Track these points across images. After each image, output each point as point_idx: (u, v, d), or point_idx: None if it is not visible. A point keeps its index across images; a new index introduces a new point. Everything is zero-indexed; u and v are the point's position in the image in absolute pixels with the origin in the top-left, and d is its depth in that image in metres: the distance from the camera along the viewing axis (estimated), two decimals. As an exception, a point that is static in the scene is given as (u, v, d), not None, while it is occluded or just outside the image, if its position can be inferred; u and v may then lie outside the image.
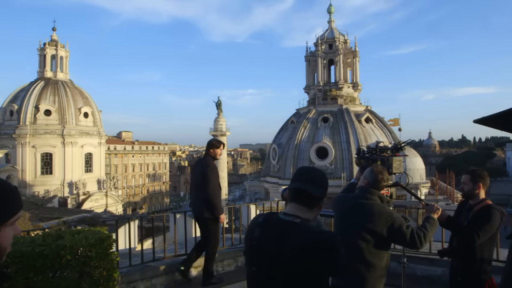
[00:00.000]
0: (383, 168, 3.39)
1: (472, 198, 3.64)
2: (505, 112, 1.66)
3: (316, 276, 1.95)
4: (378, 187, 3.24)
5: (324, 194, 2.10)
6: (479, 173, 3.62)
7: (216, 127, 42.79)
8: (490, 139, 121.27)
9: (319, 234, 1.98)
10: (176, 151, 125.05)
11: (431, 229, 3.18)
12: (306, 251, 1.89)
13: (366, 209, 3.12)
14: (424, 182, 27.70)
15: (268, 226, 2.05)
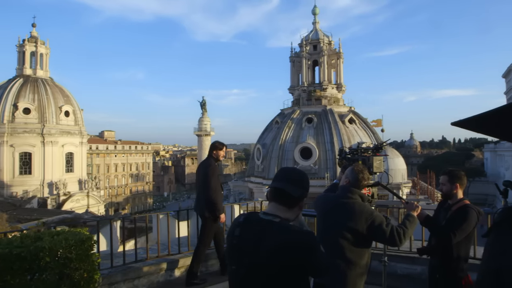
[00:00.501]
0: (363, 168, 3.45)
1: (450, 198, 3.73)
2: (481, 115, 1.72)
3: (294, 275, 1.97)
4: (359, 186, 3.31)
5: (304, 194, 2.12)
6: (456, 174, 3.73)
7: (201, 126, 42.58)
8: (469, 140, 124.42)
9: (297, 234, 2.00)
10: (160, 151, 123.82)
11: (410, 226, 3.25)
12: (284, 250, 1.91)
13: (347, 208, 3.18)
14: (405, 182, 28.20)
15: (248, 226, 2.08)
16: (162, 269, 5.99)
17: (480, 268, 2.40)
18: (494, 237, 2.26)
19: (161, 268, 5.97)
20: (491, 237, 2.32)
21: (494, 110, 1.57)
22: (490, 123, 1.84)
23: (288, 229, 2.01)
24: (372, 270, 5.64)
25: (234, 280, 2.08)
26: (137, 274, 5.62)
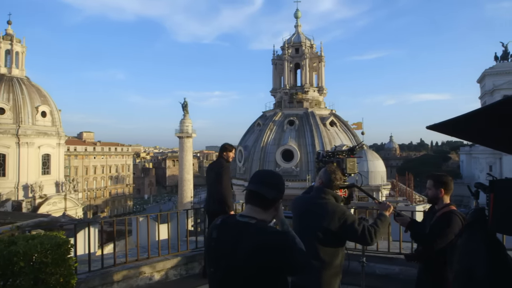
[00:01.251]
0: (336, 168, 3.54)
1: (436, 203, 3.70)
2: (453, 119, 1.78)
3: (272, 276, 1.99)
4: (332, 186, 3.38)
5: (279, 196, 2.15)
6: (441, 178, 3.67)
7: (182, 128, 42.24)
8: (446, 143, 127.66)
9: (273, 235, 2.03)
10: (140, 153, 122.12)
11: (382, 225, 3.33)
12: (261, 252, 1.93)
13: (320, 208, 3.26)
14: (385, 184, 28.68)
15: (225, 228, 2.11)
16: (142, 273, 5.91)
17: (455, 267, 2.49)
18: (467, 237, 2.35)
19: (141, 272, 5.89)
20: (463, 237, 2.40)
21: (465, 115, 1.63)
22: (462, 127, 1.90)
23: (264, 230, 2.03)
24: (351, 271, 5.73)
25: (212, 283, 2.09)
26: (116, 278, 5.52)
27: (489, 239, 2.26)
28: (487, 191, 2.19)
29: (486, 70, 66.95)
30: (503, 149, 2.23)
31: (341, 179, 3.50)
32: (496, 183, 2.13)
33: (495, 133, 1.88)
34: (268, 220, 2.13)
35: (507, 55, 65.64)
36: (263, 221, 2.09)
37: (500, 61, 66.15)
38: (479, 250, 2.22)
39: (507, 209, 2.08)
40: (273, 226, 2.20)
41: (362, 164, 27.23)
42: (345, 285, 4.95)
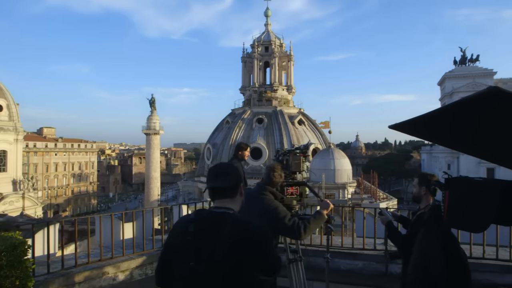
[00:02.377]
0: (276, 167, 3.72)
1: (419, 201, 3.63)
2: (412, 120, 1.84)
3: (252, 268, 2.02)
4: (271, 183, 3.61)
5: (236, 180, 2.22)
6: (425, 177, 3.61)
7: (149, 125, 41.35)
8: (408, 142, 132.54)
9: (253, 225, 2.11)
10: (105, 150, 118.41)
11: (314, 222, 3.50)
12: (242, 242, 1.97)
13: (257, 203, 3.49)
14: (351, 182, 29.41)
15: (203, 220, 2.10)
16: (105, 273, 5.74)
17: (412, 260, 2.60)
18: (423, 233, 2.46)
19: (104, 272, 5.72)
20: (420, 233, 2.51)
21: (423, 115, 1.70)
22: (421, 126, 1.98)
23: (243, 220, 2.10)
24: (317, 267, 5.87)
25: (192, 277, 2.04)
26: (77, 280, 5.34)
27: (444, 234, 2.38)
28: (443, 188, 2.29)
29: (446, 73, 70.21)
30: (459, 149, 2.35)
31: (281, 177, 3.67)
32: (451, 181, 2.23)
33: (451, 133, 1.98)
34: (237, 209, 2.20)
35: (465, 59, 69.12)
36: (234, 210, 2.16)
37: (458, 65, 69.55)
38: (435, 245, 2.33)
39: (460, 206, 2.18)
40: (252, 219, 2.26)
41: (329, 163, 27.78)
42: (310, 281, 5.04)
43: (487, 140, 1.75)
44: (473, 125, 1.65)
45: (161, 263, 2.19)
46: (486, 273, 5.56)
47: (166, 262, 2.16)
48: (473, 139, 1.84)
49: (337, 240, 6.89)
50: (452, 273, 2.28)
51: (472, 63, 68.83)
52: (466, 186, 2.17)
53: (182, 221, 2.21)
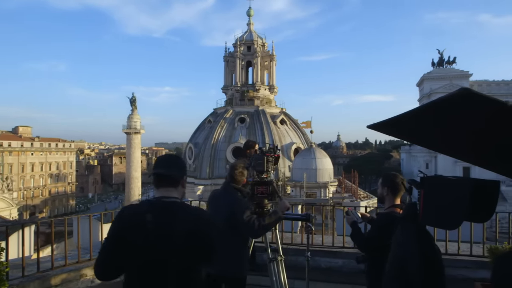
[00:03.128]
0: (239, 165, 3.91)
1: (383, 202, 3.58)
2: (389, 119, 1.88)
3: (200, 253, 2.23)
4: (235, 181, 3.80)
5: (182, 172, 2.40)
6: (388, 177, 3.54)
7: (130, 124, 40.75)
8: (388, 142, 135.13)
9: (204, 212, 2.40)
10: (84, 149, 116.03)
11: (269, 221, 3.61)
12: (198, 227, 2.20)
13: (221, 200, 3.72)
14: (332, 181, 29.71)
15: (159, 209, 2.22)
16: (83, 275, 5.63)
17: (389, 256, 2.66)
18: (400, 229, 2.51)
19: (82, 274, 5.61)
20: (397, 229, 2.56)
21: (398, 116, 1.73)
22: (396, 127, 2.02)
23: (195, 209, 2.35)
24: (298, 265, 5.91)
25: (153, 262, 2.13)
26: (54, 283, 5.22)
27: (419, 232, 2.43)
28: (418, 187, 2.34)
29: (424, 74, 71.88)
30: (432, 148, 2.41)
31: (242, 175, 3.84)
32: (426, 180, 2.29)
33: (425, 133, 2.02)
34: (180, 197, 2.38)
35: (442, 61, 70.94)
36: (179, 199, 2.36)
37: (436, 67, 71.33)
38: (411, 242, 2.38)
39: (435, 204, 2.24)
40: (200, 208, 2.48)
41: (310, 162, 28.01)
42: (291, 279, 5.08)
43: (458, 139, 1.81)
44: (444, 125, 1.70)
45: (111, 255, 2.18)
46: (461, 269, 5.73)
47: (117, 253, 2.15)
48: (445, 139, 1.90)
49: (317, 238, 6.97)
50: (428, 268, 2.34)
51: (449, 65, 70.73)
52: (440, 184, 2.23)
53: (136, 211, 2.26)
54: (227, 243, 3.51)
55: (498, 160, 1.99)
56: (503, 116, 1.40)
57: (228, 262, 3.57)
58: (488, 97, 1.35)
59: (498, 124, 1.51)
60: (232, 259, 3.63)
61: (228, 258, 3.55)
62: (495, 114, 1.42)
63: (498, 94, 66.45)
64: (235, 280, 3.72)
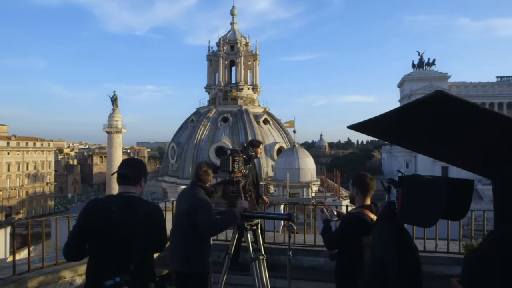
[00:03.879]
0: (201, 165, 4.10)
1: (353, 202, 3.54)
2: (369, 120, 1.91)
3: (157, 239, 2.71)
4: (201, 180, 3.98)
5: (140, 173, 2.85)
6: (357, 177, 3.50)
7: (111, 123, 40.05)
8: (370, 142, 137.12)
9: (157, 206, 2.83)
10: (64, 149, 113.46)
11: (226, 220, 3.82)
12: (154, 216, 2.69)
13: (185, 198, 3.91)
14: (314, 181, 29.94)
15: (122, 201, 2.64)
16: (62, 278, 5.51)
17: (368, 255, 2.71)
18: (379, 228, 2.56)
19: (60, 277, 5.49)
20: (376, 228, 2.61)
21: (376, 117, 1.77)
22: (374, 127, 2.07)
23: (149, 202, 2.79)
24: (280, 264, 5.94)
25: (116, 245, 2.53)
26: (31, 285, 5.08)
27: (397, 230, 2.49)
28: (397, 186, 2.40)
29: (405, 76, 73.33)
30: (409, 148, 2.47)
31: (207, 173, 4.00)
32: (404, 179, 2.34)
33: (402, 133, 2.08)
34: (138, 194, 2.81)
35: (422, 63, 72.55)
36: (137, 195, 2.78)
37: (417, 69, 72.88)
38: (389, 240, 2.43)
39: (412, 203, 2.30)
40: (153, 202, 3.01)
41: (293, 162, 28.17)
42: (273, 278, 5.10)
43: (433, 140, 1.86)
44: (420, 126, 1.75)
45: (79, 241, 2.58)
46: (438, 266, 5.87)
47: (84, 239, 2.57)
48: (421, 139, 1.95)
49: (299, 237, 7.02)
50: (405, 265, 2.40)
51: (428, 66, 72.41)
52: (417, 184, 2.29)
53: (102, 203, 2.72)
54: (188, 240, 3.77)
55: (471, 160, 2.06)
56: (475, 117, 1.45)
57: (189, 258, 3.77)
58: (461, 99, 1.39)
59: (470, 125, 1.56)
60: (194, 255, 3.79)
61: (189, 254, 3.77)
62: (468, 115, 1.47)
63: (475, 95, 68.48)
64: (197, 276, 3.83)
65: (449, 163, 2.48)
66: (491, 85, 71.72)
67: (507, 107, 69.21)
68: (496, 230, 1.90)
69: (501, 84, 71.70)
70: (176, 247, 3.87)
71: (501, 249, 1.38)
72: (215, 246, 5.99)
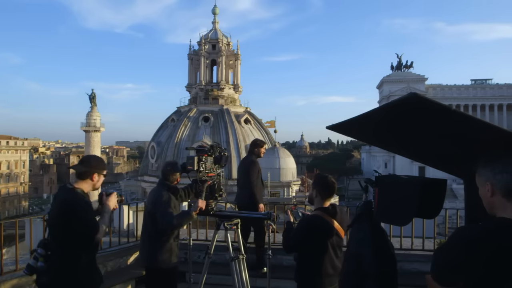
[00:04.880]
0: (170, 163, 4.30)
1: (312, 203, 3.43)
2: (346, 121, 1.95)
3: (60, 224, 2.87)
4: (167, 178, 4.14)
5: (89, 169, 3.05)
6: (316, 178, 3.42)
7: (89, 122, 39.17)
8: (350, 142, 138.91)
9: (70, 193, 2.99)
10: (39, 147, 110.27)
11: (181, 218, 3.92)
12: (62, 203, 2.89)
13: (150, 196, 4.15)
14: (295, 180, 30.23)
15: (59, 191, 3.08)
16: (36, 280, 5.36)
17: (345, 252, 2.77)
18: (356, 227, 2.62)
19: (35, 279, 5.34)
20: (354, 227, 2.67)
21: (353, 118, 1.81)
22: (352, 128, 2.11)
23: (68, 191, 2.95)
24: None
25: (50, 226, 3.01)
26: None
27: (374, 228, 2.55)
28: (373, 186, 2.46)
29: (384, 77, 74.85)
30: (384, 147, 2.54)
31: (172, 172, 4.16)
32: (380, 179, 2.40)
33: (377, 134, 2.13)
34: (85, 188, 3.03)
35: (401, 65, 74.25)
36: (80, 188, 2.99)
37: (395, 71, 74.51)
38: (366, 238, 2.49)
39: (388, 202, 2.36)
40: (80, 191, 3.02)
41: (274, 161, 28.33)
42: (253, 278, 5.13)
43: (407, 140, 1.92)
44: (394, 127, 1.80)
45: None
46: (414, 263, 6.02)
47: None
48: (395, 139, 2.00)
49: (280, 237, 7.06)
50: (381, 262, 2.46)
51: (407, 68, 74.20)
52: (392, 183, 2.35)
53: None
54: (152, 236, 3.96)
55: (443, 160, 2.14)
56: (446, 119, 1.51)
57: (155, 254, 3.92)
58: (434, 102, 1.45)
59: (442, 126, 1.62)
60: (159, 251, 3.92)
61: (154, 250, 3.92)
62: (440, 117, 1.53)
63: (451, 97, 70.61)
64: (163, 271, 3.97)
65: (422, 162, 2.56)
66: (466, 87, 74.14)
67: (480, 109, 71.66)
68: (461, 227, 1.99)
69: (475, 87, 74.22)
70: (143, 244, 4.15)
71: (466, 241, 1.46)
72: (195, 246, 5.97)
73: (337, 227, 3.21)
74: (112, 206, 3.25)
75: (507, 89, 72.68)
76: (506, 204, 1.52)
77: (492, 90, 73.09)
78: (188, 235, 5.58)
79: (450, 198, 43.06)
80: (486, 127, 1.59)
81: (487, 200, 1.59)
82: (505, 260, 1.38)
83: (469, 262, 1.43)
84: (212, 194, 4.09)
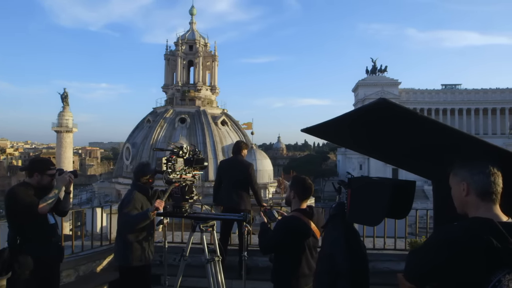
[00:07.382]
0: (140, 164, 4.46)
1: (289, 205, 3.45)
2: (320, 124, 2.00)
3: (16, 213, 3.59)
4: (138, 179, 4.24)
5: (31, 168, 3.71)
6: (294, 179, 3.42)
7: (61, 122, 38.01)
8: (326, 144, 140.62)
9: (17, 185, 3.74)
10: (6, 148, 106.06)
11: (136, 217, 3.94)
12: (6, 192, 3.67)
13: (125, 196, 4.22)
14: (272, 182, 30.39)
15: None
16: (3, 286, 5.17)
17: (319, 252, 2.83)
18: (330, 228, 2.68)
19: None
20: (328, 228, 2.73)
21: (326, 122, 1.86)
22: (325, 131, 2.17)
23: (14, 187, 3.72)
24: (235, 265, 5.98)
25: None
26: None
27: (347, 229, 2.62)
28: (346, 187, 2.52)
29: (359, 81, 76.42)
30: (357, 150, 2.61)
31: (143, 173, 4.24)
32: (353, 181, 2.47)
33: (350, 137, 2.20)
34: (31, 182, 3.67)
35: (375, 69, 76.05)
36: (28, 182, 3.67)
37: (370, 74, 76.24)
38: (339, 239, 2.55)
39: (360, 203, 2.43)
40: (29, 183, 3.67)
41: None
42: (229, 280, 5.13)
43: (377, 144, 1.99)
44: (366, 130, 1.87)
45: None
46: (387, 262, 6.19)
47: None
48: (368, 142, 2.07)
49: (256, 238, 7.09)
50: (353, 261, 2.52)
51: (381, 73, 76.08)
52: (364, 185, 2.43)
53: None
54: (121, 235, 4.13)
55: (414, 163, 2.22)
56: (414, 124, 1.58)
57: (125, 252, 4.06)
58: (402, 107, 1.51)
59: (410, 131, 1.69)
60: (128, 250, 4.04)
61: (124, 249, 4.06)
62: (408, 122, 1.60)
63: (423, 101, 72.97)
64: (134, 269, 4.05)
65: (394, 165, 2.65)
66: (437, 92, 76.78)
67: (450, 113, 74.36)
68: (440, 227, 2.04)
69: (445, 92, 76.98)
70: (117, 244, 4.34)
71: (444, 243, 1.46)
72: (170, 248, 5.91)
73: (314, 228, 3.27)
74: (63, 182, 3.71)
75: (474, 94, 75.77)
76: (479, 204, 1.54)
77: (461, 95, 76.01)
78: (163, 237, 5.52)
79: (422, 199, 44.36)
80: (452, 133, 1.67)
81: (461, 199, 1.60)
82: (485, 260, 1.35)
83: (450, 262, 1.41)
84: (183, 196, 4.04)
